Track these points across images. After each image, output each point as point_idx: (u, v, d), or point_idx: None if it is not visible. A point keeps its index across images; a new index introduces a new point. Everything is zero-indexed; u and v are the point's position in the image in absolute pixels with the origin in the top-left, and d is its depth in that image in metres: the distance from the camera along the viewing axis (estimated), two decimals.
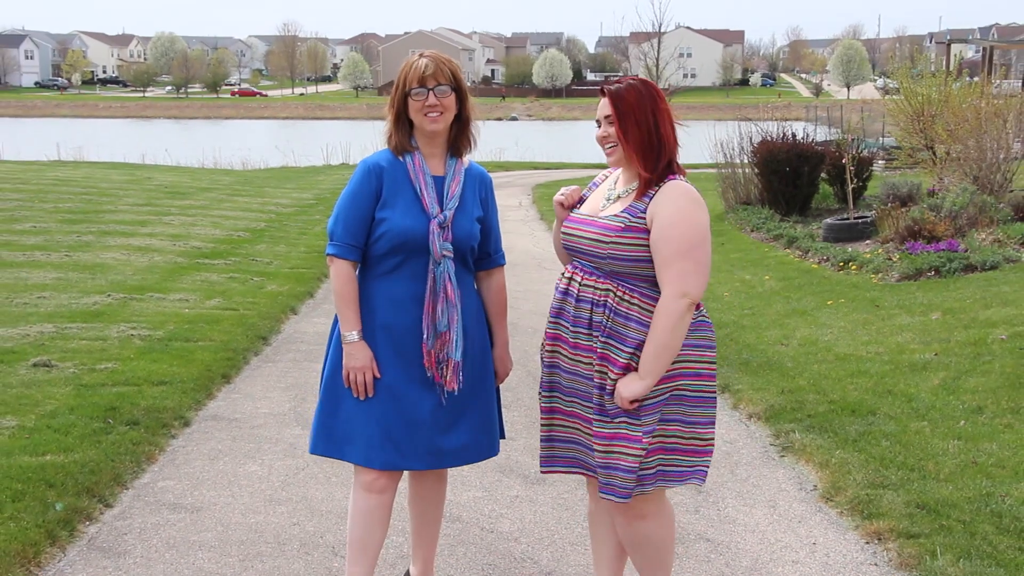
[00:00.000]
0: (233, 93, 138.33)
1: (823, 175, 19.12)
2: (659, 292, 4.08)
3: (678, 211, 4.07)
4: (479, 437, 4.53)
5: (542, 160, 39.44)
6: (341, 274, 4.37)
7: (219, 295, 11.92)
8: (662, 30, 37.03)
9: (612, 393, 4.10)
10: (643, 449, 4.09)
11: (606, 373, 4.12)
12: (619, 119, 4.15)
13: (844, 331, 10.07)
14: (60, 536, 5.47)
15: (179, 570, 5.20)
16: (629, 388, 4.05)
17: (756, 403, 7.99)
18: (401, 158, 4.41)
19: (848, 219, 15.93)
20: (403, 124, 4.41)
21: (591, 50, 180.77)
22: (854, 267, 13.31)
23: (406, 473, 4.68)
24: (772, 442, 7.26)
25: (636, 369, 4.08)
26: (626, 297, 4.12)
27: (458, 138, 4.49)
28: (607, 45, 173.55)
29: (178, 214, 19.07)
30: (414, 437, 4.37)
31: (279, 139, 55.48)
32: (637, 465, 4.09)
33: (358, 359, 4.32)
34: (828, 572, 5.22)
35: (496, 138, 46.99)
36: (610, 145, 4.21)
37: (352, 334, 4.33)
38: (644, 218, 4.10)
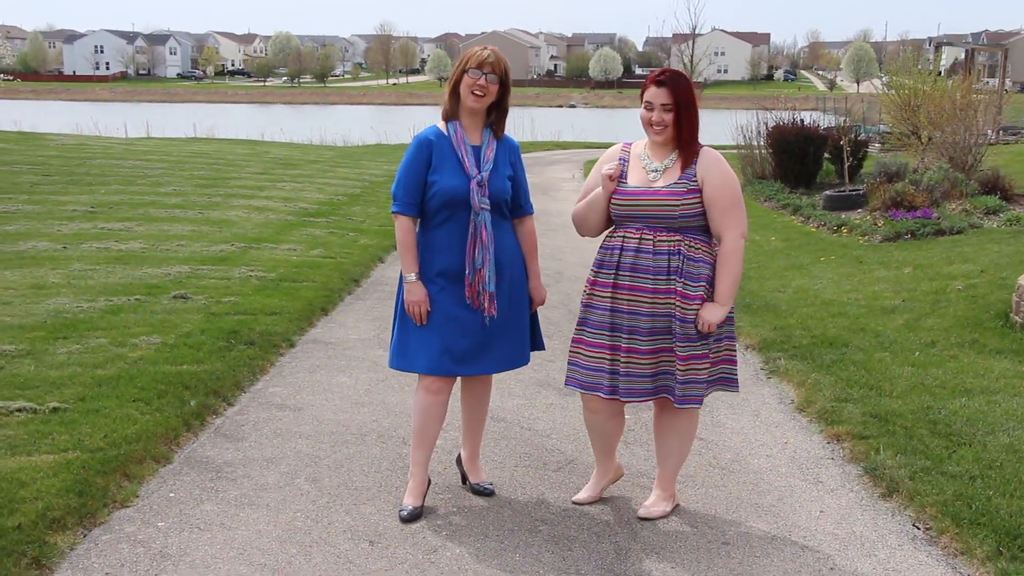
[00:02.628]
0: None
1: (827, 155, 19.07)
2: (710, 237, 4.50)
3: (723, 172, 4.51)
4: (515, 349, 4.82)
5: (593, 140, 39.32)
6: (402, 227, 4.68)
7: (321, 246, 12.13)
8: (698, 31, 36.70)
9: (693, 322, 4.41)
10: (710, 362, 4.51)
11: (687, 307, 4.42)
12: (677, 108, 4.45)
13: (831, 282, 10.21)
14: (193, 425, 5.85)
15: (283, 452, 5.55)
16: (715, 314, 4.44)
17: (753, 337, 8.19)
18: (445, 129, 4.69)
19: (844, 191, 15.94)
20: (455, 95, 4.69)
21: (639, 48, 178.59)
22: (845, 231, 13.38)
23: (459, 379, 4.99)
24: (762, 367, 7.47)
25: (708, 299, 4.43)
26: (694, 244, 4.48)
27: (496, 123, 4.76)
28: (653, 44, 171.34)
29: (289, 181, 19.28)
30: (465, 350, 4.67)
31: (375, 121, 55.62)
32: (707, 376, 4.50)
33: (415, 295, 4.64)
34: (794, 463, 5.47)
35: (555, 123, 46.89)
36: (660, 127, 4.47)
37: (411, 276, 4.65)
38: (697, 181, 4.46)
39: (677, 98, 4.45)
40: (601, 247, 4.66)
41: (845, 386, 6.57)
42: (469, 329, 4.68)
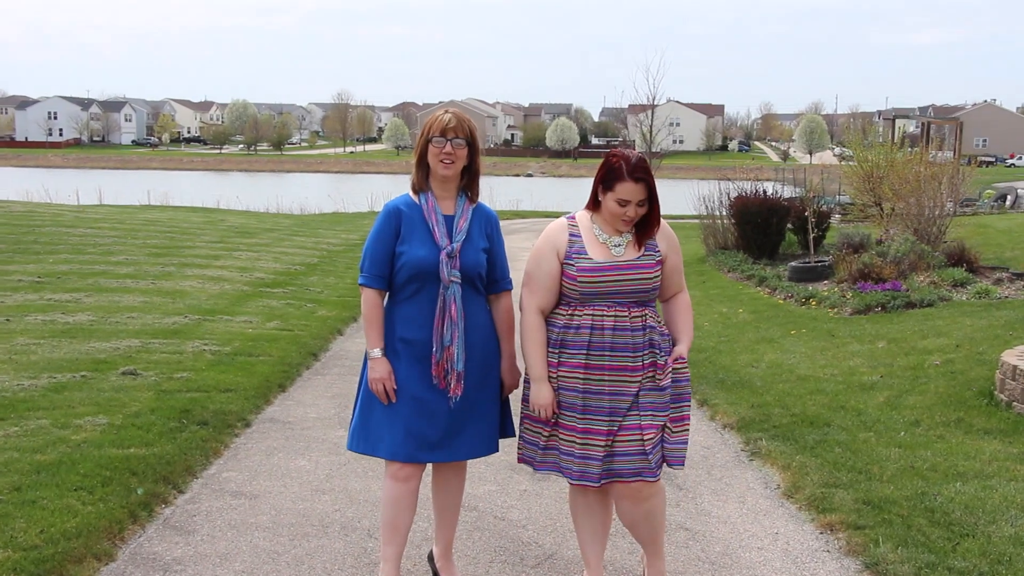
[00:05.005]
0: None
1: (789, 225, 19.05)
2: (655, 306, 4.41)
3: (674, 235, 4.47)
4: (483, 435, 4.49)
5: (552, 209, 39.36)
6: (368, 300, 4.40)
7: (278, 318, 11.88)
8: (655, 103, 36.98)
9: (667, 389, 4.30)
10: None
11: (662, 377, 4.29)
12: (650, 201, 4.25)
13: (805, 356, 9.99)
14: (140, 516, 5.45)
15: (239, 547, 5.17)
16: (684, 348, 4.42)
17: (730, 415, 7.92)
18: (417, 199, 4.42)
19: (810, 262, 15.83)
20: (423, 166, 4.43)
21: (595, 119, 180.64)
22: (814, 303, 13.22)
23: (430, 467, 4.65)
24: (743, 448, 7.19)
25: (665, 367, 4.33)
26: (655, 315, 4.37)
27: (469, 186, 4.50)
28: (609, 115, 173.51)
29: (246, 250, 19.04)
30: (430, 434, 4.36)
31: (331, 189, 55.59)
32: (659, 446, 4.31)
33: (379, 372, 4.34)
34: (788, 557, 5.15)
35: (514, 191, 47.05)
36: (630, 221, 4.26)
37: (375, 351, 4.36)
38: (660, 251, 4.35)
39: (651, 191, 4.25)
40: (556, 326, 4.33)
41: (832, 469, 6.28)
42: (435, 412, 4.36)
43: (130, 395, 7.77)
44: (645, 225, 4.30)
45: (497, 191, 42.63)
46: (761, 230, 18.54)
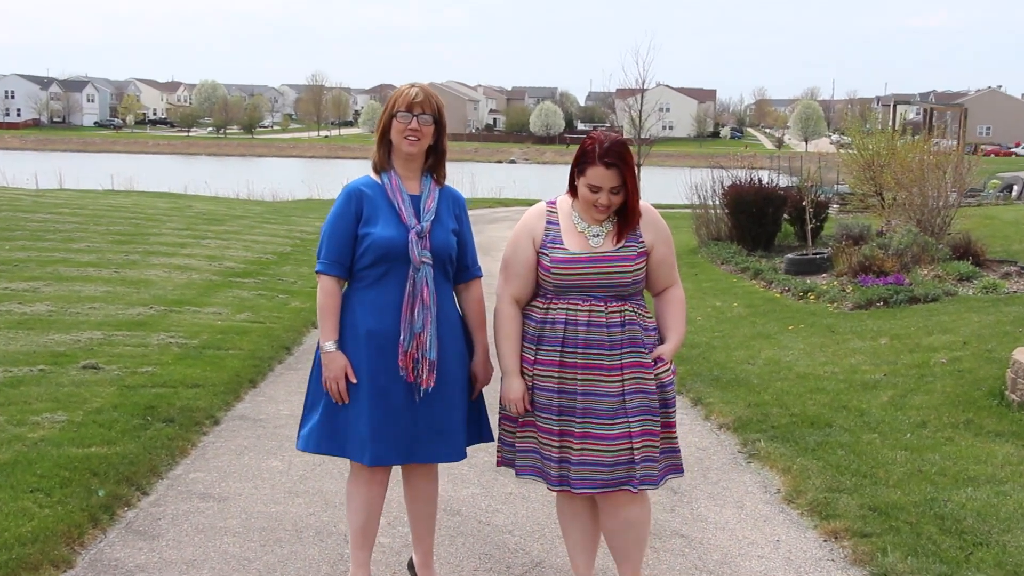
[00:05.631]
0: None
1: (785, 216, 19.04)
2: (643, 299, 4.30)
3: (665, 228, 4.34)
4: (451, 438, 4.36)
5: (536, 197, 39.28)
6: (324, 289, 4.28)
7: (248, 309, 11.77)
8: (645, 87, 36.91)
9: (654, 392, 4.16)
10: (660, 440, 4.25)
11: (646, 378, 4.16)
12: (631, 190, 4.12)
13: (804, 353, 9.94)
14: (101, 519, 5.35)
15: (207, 553, 5.07)
16: (670, 348, 4.28)
17: (726, 415, 7.86)
18: (379, 180, 4.32)
19: (807, 255, 15.82)
20: (385, 143, 4.32)
21: (582, 103, 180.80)
22: (812, 297, 13.19)
23: (400, 470, 4.56)
24: (740, 450, 7.13)
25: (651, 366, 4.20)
26: (640, 312, 4.24)
27: (435, 167, 4.40)
28: (596, 99, 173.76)
29: (214, 238, 18.92)
30: (398, 434, 4.24)
31: (305, 175, 55.39)
32: (660, 455, 4.23)
33: (334, 369, 4.23)
34: (790, 567, 5.08)
35: (496, 179, 46.91)
36: (606, 209, 4.14)
37: (329, 344, 4.24)
38: (644, 243, 4.22)
39: (625, 178, 4.09)
40: (533, 320, 4.25)
41: (835, 473, 6.22)
42: (399, 408, 4.23)
43: (91, 390, 7.65)
44: (625, 215, 4.19)
45: (479, 178, 42.57)
46: (756, 220, 18.53)
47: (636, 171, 4.21)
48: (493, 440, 4.53)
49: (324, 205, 31.69)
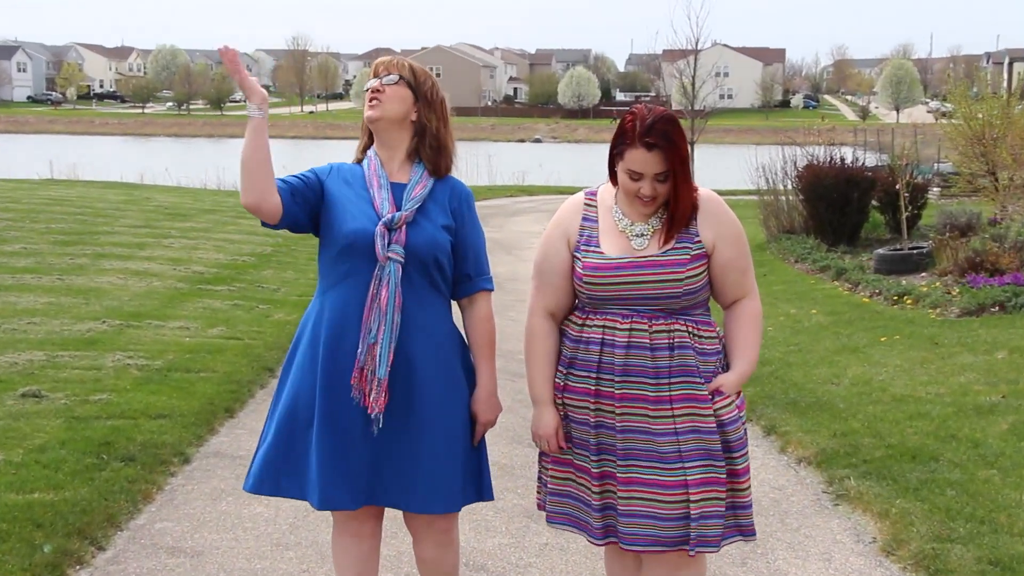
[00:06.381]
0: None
1: (874, 202, 19.03)
2: (710, 314, 4.17)
3: (733, 222, 4.21)
4: (436, 485, 4.22)
5: (568, 184, 39.41)
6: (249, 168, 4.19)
7: (222, 323, 11.85)
8: (699, 47, 36.93)
9: (714, 432, 4.05)
10: (727, 492, 4.14)
11: (703, 413, 4.05)
12: (673, 174, 4.02)
13: (900, 370, 9.93)
14: None
15: None
16: (736, 382, 4.13)
17: (806, 446, 7.86)
18: (361, 165, 4.38)
19: (901, 249, 15.81)
20: (366, 127, 4.41)
21: (621, 68, 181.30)
22: (909, 301, 13.18)
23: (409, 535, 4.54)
24: (825, 489, 7.13)
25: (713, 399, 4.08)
26: (699, 331, 4.11)
27: (431, 157, 4.32)
28: (638, 63, 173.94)
29: (179, 237, 19.07)
30: (349, 469, 4.15)
31: (288, 159, 55.53)
32: (723, 510, 4.11)
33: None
34: None
35: (518, 162, 47.06)
36: (651, 201, 4.06)
37: (251, 107, 4.21)
38: (701, 242, 4.10)
39: (673, 163, 4.00)
40: (567, 339, 4.21)
41: (945, 518, 6.21)
42: (354, 437, 4.15)
43: (33, 424, 7.71)
44: (677, 203, 4.08)
45: (497, 160, 42.77)
46: (838, 208, 18.58)
47: (688, 152, 4.12)
48: (492, 499, 4.47)
49: None
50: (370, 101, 4.26)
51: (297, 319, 11.91)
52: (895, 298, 13.49)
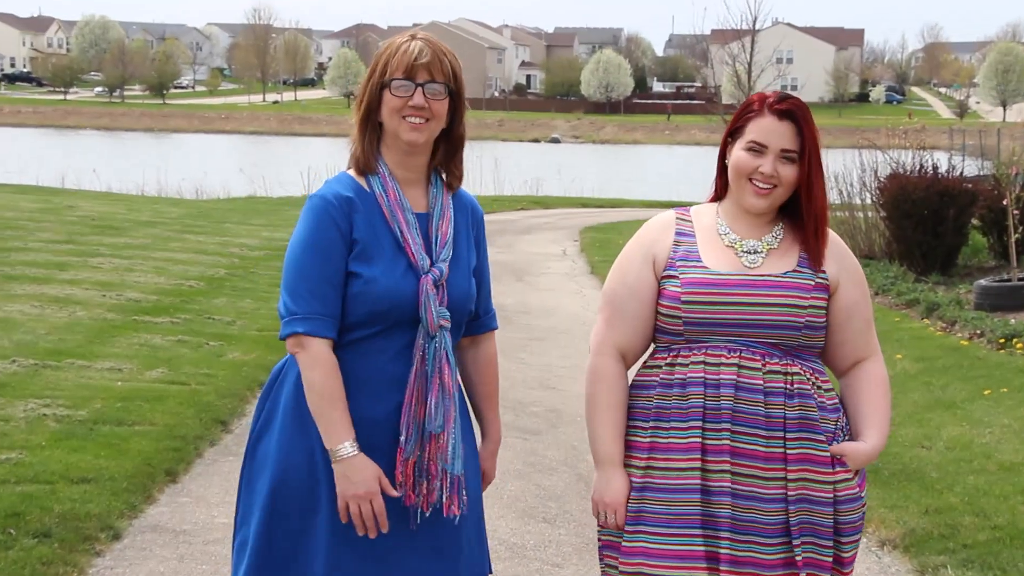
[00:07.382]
0: None
1: (974, 221, 19.02)
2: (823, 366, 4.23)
3: (855, 261, 4.29)
4: (452, 557, 4.18)
5: (592, 195, 39.49)
6: (319, 360, 3.96)
7: (163, 364, 11.79)
8: (757, 27, 37.08)
9: (831, 503, 4.07)
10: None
11: (821, 480, 4.06)
12: (806, 159, 4.08)
13: (1009, 431, 9.91)
14: None
15: None
16: (866, 450, 4.13)
17: (891, 526, 7.85)
18: (367, 185, 4.10)
19: (1010, 280, 15.79)
20: (371, 128, 4.11)
21: (659, 52, 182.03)
22: (1020, 345, 13.14)
23: None
24: None
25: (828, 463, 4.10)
26: (818, 381, 4.14)
27: (447, 164, 4.22)
28: (680, 46, 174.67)
29: (109, 255, 19.07)
30: (360, 568, 4.06)
31: (245, 160, 55.79)
32: None
33: (361, 482, 3.92)
34: None
35: (531, 167, 47.13)
36: (769, 185, 4.08)
37: (345, 446, 3.92)
38: (826, 276, 4.16)
39: (807, 144, 4.07)
40: (653, 387, 4.19)
41: None
42: (384, 542, 4.03)
43: None
44: (807, 216, 4.13)
45: (506, 165, 42.81)
46: (929, 228, 18.60)
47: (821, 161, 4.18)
48: (492, 573, 4.43)
49: (274, 206, 31.92)
50: (411, 119, 4.01)
51: (256, 360, 12.01)
52: (1001, 341, 13.44)
